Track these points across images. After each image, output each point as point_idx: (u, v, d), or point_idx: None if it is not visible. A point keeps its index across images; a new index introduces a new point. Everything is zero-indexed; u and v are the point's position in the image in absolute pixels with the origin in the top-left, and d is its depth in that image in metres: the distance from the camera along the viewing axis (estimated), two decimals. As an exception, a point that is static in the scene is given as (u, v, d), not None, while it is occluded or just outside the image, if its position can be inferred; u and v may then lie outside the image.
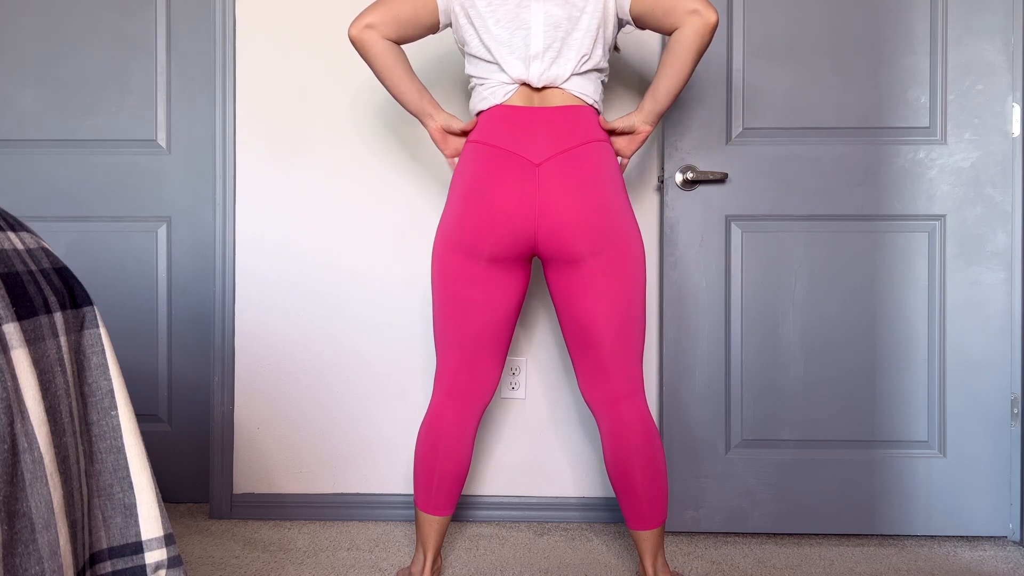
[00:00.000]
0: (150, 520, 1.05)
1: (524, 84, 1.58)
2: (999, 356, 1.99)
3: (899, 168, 2.00)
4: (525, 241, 1.56)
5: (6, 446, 0.85)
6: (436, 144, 1.68)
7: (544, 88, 1.58)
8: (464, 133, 1.65)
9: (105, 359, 1.06)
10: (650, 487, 1.59)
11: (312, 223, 2.16)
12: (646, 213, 2.14)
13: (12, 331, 0.89)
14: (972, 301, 2.00)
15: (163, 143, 2.25)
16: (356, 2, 2.13)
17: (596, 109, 1.62)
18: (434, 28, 1.62)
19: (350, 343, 2.17)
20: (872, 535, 2.03)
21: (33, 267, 0.99)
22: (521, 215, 1.53)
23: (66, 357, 0.99)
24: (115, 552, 1.04)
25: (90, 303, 1.06)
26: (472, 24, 1.57)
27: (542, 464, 2.17)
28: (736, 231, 2.02)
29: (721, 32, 2.00)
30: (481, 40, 1.57)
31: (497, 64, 1.57)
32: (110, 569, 1.04)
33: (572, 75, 1.57)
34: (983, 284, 1.99)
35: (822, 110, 2.01)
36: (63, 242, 2.25)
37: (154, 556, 1.05)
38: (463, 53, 1.65)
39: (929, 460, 2.00)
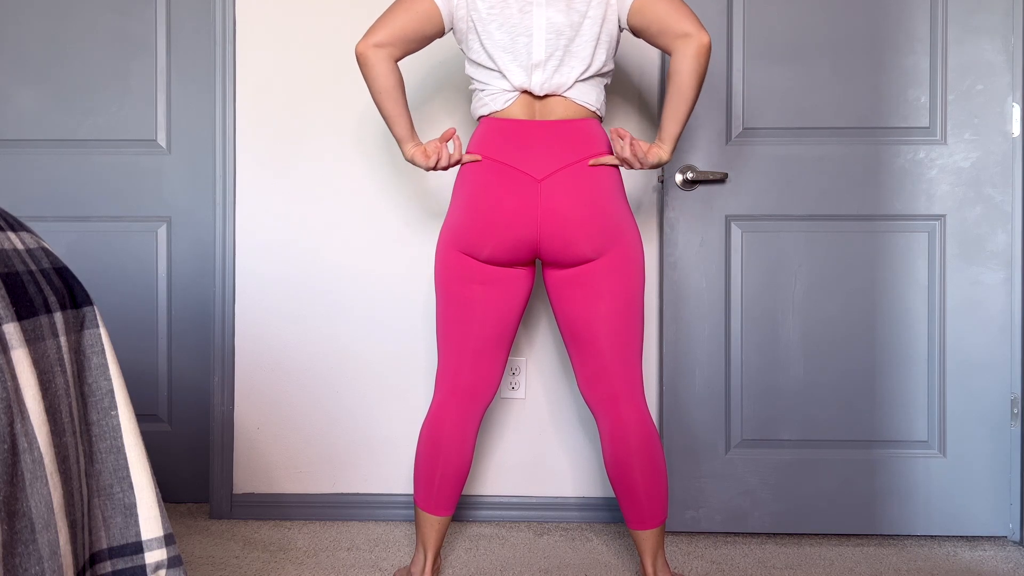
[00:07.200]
0: (150, 520, 1.05)
1: (525, 92, 1.57)
2: (999, 356, 1.99)
3: (899, 168, 2.00)
4: (527, 245, 1.56)
5: (6, 446, 0.85)
6: (414, 160, 1.62)
7: (546, 96, 1.57)
8: (445, 140, 1.62)
9: (105, 359, 1.05)
10: (649, 487, 1.59)
11: (312, 223, 2.16)
12: (646, 213, 2.14)
13: (12, 331, 0.89)
14: (972, 301, 1.99)
15: (163, 143, 2.25)
16: (357, 1, 2.13)
17: (598, 117, 1.62)
18: (438, 36, 1.60)
19: (350, 343, 2.17)
20: (872, 535, 2.03)
21: (33, 267, 0.99)
22: (523, 221, 1.54)
23: (66, 357, 0.99)
24: (115, 552, 1.04)
25: (90, 303, 1.06)
26: (475, 28, 1.55)
27: (542, 464, 2.17)
28: (736, 231, 2.02)
29: (721, 32, 2.00)
30: (483, 46, 1.56)
31: (499, 71, 1.56)
32: (110, 569, 1.04)
33: (575, 83, 1.56)
34: (983, 284, 1.99)
35: (822, 110, 2.01)
36: (63, 242, 2.25)
37: (154, 556, 1.05)
38: (465, 56, 1.64)
39: (929, 460, 2.00)
